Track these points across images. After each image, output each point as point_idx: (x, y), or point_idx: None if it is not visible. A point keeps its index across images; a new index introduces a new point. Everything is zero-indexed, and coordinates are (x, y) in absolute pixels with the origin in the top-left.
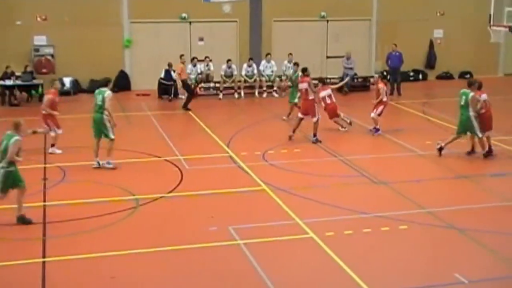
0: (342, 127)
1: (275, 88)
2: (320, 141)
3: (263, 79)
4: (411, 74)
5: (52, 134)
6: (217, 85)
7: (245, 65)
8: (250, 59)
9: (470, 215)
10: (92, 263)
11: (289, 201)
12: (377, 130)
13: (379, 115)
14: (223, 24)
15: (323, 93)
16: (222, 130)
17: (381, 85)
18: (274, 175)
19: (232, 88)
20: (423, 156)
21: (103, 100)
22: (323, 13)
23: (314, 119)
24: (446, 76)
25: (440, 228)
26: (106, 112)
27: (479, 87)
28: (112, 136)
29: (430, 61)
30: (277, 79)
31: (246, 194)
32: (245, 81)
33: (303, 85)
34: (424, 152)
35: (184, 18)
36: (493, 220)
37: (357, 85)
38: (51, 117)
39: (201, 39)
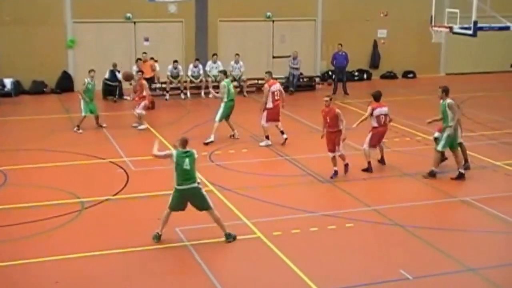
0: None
1: None
2: None
3: (209, 79)
4: (356, 73)
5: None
6: (163, 85)
7: (191, 66)
8: (196, 59)
9: (414, 212)
10: (35, 269)
11: (236, 201)
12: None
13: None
14: (168, 24)
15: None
16: (169, 131)
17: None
18: (221, 176)
19: (178, 88)
20: None
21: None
22: (268, 14)
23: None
24: (390, 76)
25: (385, 225)
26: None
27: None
28: None
29: (374, 60)
30: None
31: None
32: (191, 81)
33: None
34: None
35: (129, 18)
36: (437, 217)
37: (303, 85)
38: None
39: (146, 40)
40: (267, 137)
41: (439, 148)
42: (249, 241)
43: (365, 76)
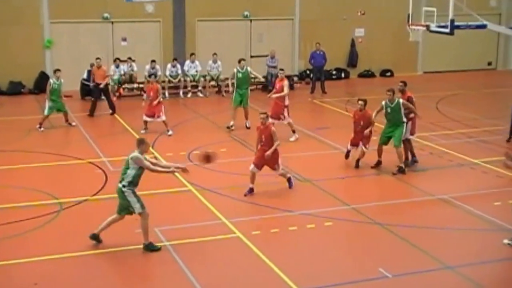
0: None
1: (199, 88)
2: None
3: (188, 79)
4: (334, 72)
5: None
6: (141, 85)
7: (169, 65)
8: (174, 59)
9: (393, 210)
10: (13, 270)
11: (215, 201)
12: None
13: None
14: (146, 24)
15: None
16: (147, 130)
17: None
18: (200, 175)
19: None
20: None
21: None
22: (246, 13)
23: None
24: (367, 74)
25: (364, 224)
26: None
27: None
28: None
29: (352, 59)
30: (202, 79)
31: (172, 195)
32: (169, 81)
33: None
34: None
35: (106, 18)
36: (415, 215)
37: None
38: None
39: (124, 39)
40: (294, 131)
41: (399, 144)
42: (228, 240)
43: (343, 75)
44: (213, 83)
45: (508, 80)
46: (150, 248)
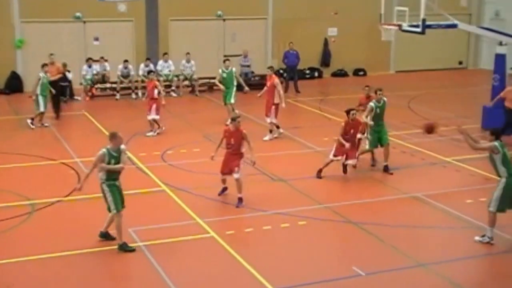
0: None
1: (173, 88)
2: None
3: (161, 79)
4: (307, 72)
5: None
6: (114, 85)
7: (142, 65)
8: (148, 59)
9: (366, 209)
10: None
11: (189, 201)
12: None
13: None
14: (118, 24)
15: None
16: (120, 130)
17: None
18: (173, 176)
19: (129, 88)
20: (320, 152)
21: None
22: (219, 12)
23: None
24: (340, 74)
25: (338, 222)
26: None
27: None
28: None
29: (325, 59)
30: (175, 78)
31: (145, 195)
32: (142, 81)
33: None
34: (322, 149)
35: (78, 17)
36: (389, 213)
37: (254, 83)
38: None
39: (96, 39)
40: (271, 131)
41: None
42: (202, 240)
43: (316, 74)
44: (186, 82)
45: (478, 79)
46: (124, 248)
